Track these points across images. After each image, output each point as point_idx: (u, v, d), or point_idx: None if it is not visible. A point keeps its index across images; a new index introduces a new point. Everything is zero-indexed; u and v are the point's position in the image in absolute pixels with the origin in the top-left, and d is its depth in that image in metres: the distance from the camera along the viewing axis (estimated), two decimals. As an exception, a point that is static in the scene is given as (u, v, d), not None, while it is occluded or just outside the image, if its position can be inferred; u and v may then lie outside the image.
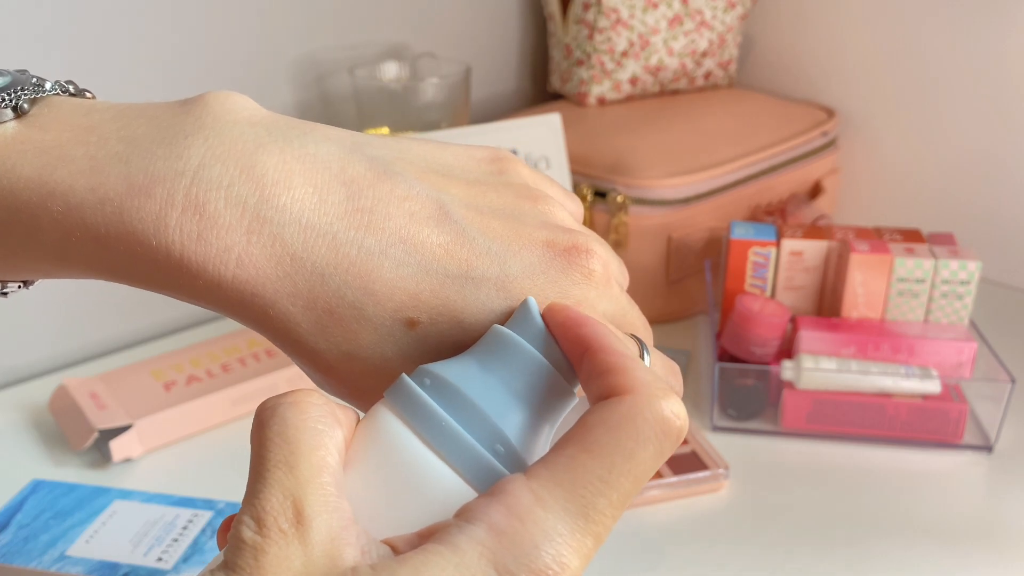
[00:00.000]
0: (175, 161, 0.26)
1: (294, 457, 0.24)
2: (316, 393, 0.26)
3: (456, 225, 0.28)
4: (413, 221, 0.28)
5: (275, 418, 0.24)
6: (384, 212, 0.28)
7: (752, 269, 0.74)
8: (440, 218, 0.28)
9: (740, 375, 0.71)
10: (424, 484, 0.25)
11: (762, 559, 0.58)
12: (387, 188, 0.28)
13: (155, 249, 0.26)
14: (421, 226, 0.28)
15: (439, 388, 0.26)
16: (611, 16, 0.95)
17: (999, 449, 0.68)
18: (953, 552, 0.59)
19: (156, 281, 0.27)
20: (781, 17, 1.06)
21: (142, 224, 0.26)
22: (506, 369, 0.26)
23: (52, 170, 0.27)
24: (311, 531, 0.23)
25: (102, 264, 0.27)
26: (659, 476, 0.63)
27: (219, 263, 0.27)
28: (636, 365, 0.25)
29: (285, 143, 0.28)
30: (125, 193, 0.26)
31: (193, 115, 0.28)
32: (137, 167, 0.26)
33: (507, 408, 0.26)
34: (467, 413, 0.26)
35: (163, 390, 0.70)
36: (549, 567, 0.23)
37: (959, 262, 0.70)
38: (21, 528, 0.55)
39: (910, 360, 0.70)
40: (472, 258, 0.28)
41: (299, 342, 0.28)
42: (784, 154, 0.91)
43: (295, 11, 0.87)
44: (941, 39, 0.94)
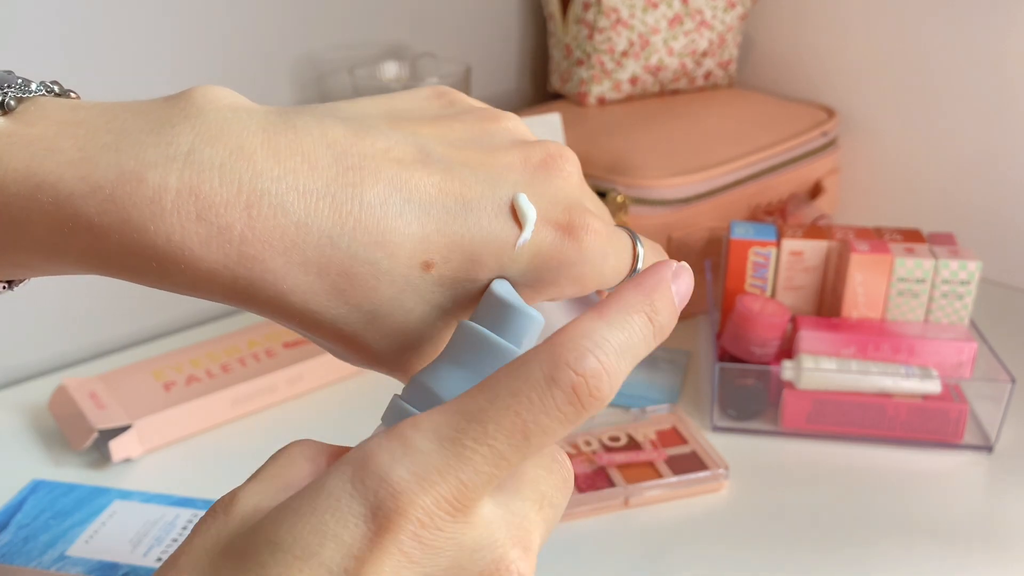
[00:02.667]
0: (165, 148, 0.27)
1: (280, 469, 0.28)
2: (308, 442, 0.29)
3: (440, 163, 0.30)
4: (402, 168, 0.29)
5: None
6: (373, 166, 0.28)
7: (752, 269, 0.74)
8: (424, 160, 0.29)
9: (740, 375, 0.71)
10: None
11: (762, 559, 0.58)
12: (368, 143, 0.29)
13: (153, 235, 0.26)
14: (411, 171, 0.29)
15: (419, 396, 0.27)
16: (611, 16, 0.95)
17: (999, 449, 0.68)
18: (953, 552, 0.59)
19: (154, 272, 0.27)
20: (781, 17, 1.06)
21: (137, 210, 0.26)
22: (480, 363, 0.27)
23: (40, 161, 0.27)
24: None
25: (97, 257, 0.27)
26: (659, 476, 0.63)
27: (223, 242, 0.27)
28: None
29: (267, 122, 0.28)
30: (116, 180, 0.26)
31: (179, 107, 0.28)
32: (128, 155, 0.27)
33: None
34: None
35: (163, 390, 0.70)
36: (402, 479, 0.24)
37: (959, 262, 0.70)
38: (21, 528, 0.55)
39: (910, 360, 0.70)
40: (464, 190, 0.29)
41: (318, 314, 0.28)
42: (784, 154, 0.91)
43: (295, 11, 0.87)
44: (941, 39, 0.94)
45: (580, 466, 0.64)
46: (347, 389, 0.76)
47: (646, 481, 0.63)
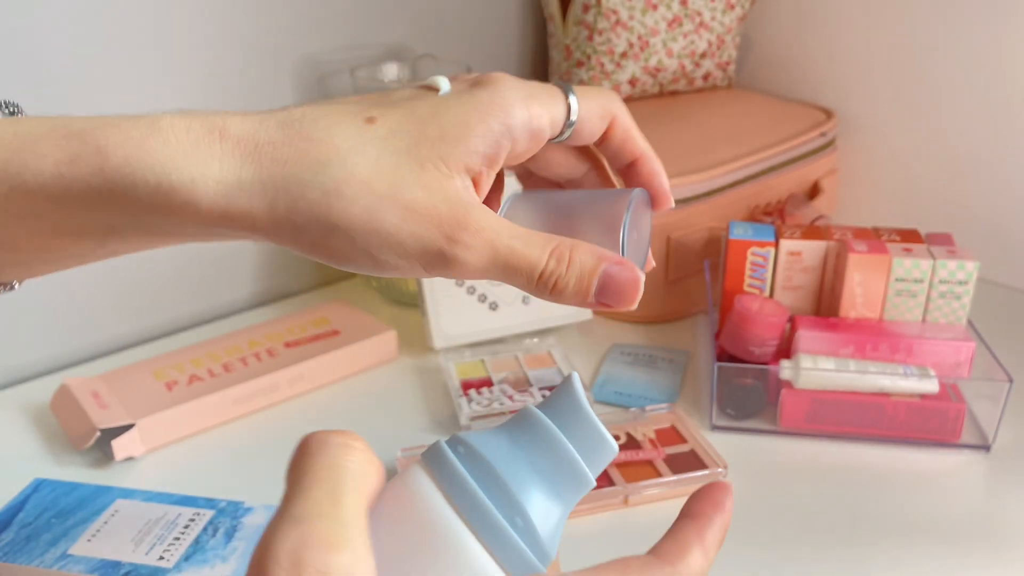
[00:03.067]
0: (134, 119, 0.35)
1: (339, 495, 0.25)
2: (362, 440, 0.27)
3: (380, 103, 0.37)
4: (344, 104, 0.36)
5: (326, 452, 0.26)
6: (313, 116, 0.35)
7: (751, 269, 0.75)
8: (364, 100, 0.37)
9: (739, 375, 0.71)
10: (442, 543, 0.27)
11: (761, 558, 0.58)
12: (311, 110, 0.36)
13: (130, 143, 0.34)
14: (355, 104, 0.36)
15: (470, 457, 0.28)
16: (611, 17, 0.96)
17: (997, 448, 0.69)
18: (951, 551, 0.59)
19: (145, 190, 0.33)
20: (780, 18, 1.06)
21: (114, 139, 0.34)
22: (534, 448, 0.28)
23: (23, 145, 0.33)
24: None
25: (91, 188, 0.33)
26: (658, 475, 0.64)
27: (196, 161, 0.34)
28: None
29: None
30: (97, 126, 0.34)
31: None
32: (100, 120, 0.34)
33: (530, 485, 0.28)
34: (493, 484, 0.27)
35: (165, 389, 0.70)
36: None
37: (957, 262, 0.70)
38: (23, 527, 0.55)
39: (908, 360, 0.70)
40: (404, 94, 0.37)
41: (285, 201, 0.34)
42: (783, 155, 0.91)
43: (296, 12, 0.87)
44: (939, 40, 0.94)
45: (580, 465, 0.64)
46: (348, 388, 0.76)
47: (645, 480, 0.63)
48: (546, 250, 0.34)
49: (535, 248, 0.34)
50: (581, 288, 0.34)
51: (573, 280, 0.34)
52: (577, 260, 0.34)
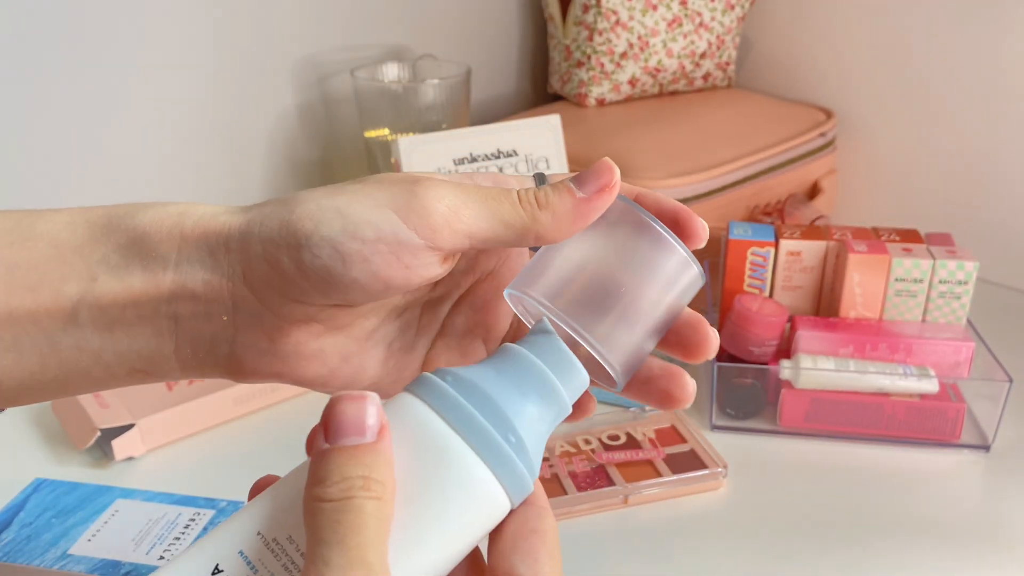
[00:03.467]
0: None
1: (367, 547, 0.25)
2: (375, 455, 0.27)
3: None
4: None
5: (347, 495, 0.26)
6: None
7: (750, 269, 0.75)
8: None
9: (739, 374, 0.71)
10: (443, 459, 0.28)
11: (760, 557, 0.58)
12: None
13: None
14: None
15: (459, 383, 0.29)
16: (610, 18, 0.96)
17: (996, 448, 0.69)
18: (951, 551, 0.59)
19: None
20: (779, 19, 1.06)
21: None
22: (516, 375, 0.30)
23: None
24: None
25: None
26: (658, 475, 0.64)
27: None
28: None
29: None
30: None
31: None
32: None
33: (517, 406, 0.29)
34: (484, 405, 0.29)
35: (165, 389, 0.70)
36: None
37: (957, 262, 0.70)
38: (24, 527, 0.56)
39: (908, 360, 0.70)
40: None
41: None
42: (782, 155, 0.91)
43: (297, 13, 0.87)
44: (938, 40, 0.94)
45: (580, 464, 0.65)
46: (348, 389, 0.76)
47: (645, 480, 0.63)
48: (513, 189, 0.32)
49: (502, 188, 0.32)
50: (561, 188, 0.31)
51: (550, 188, 0.31)
52: (546, 189, 0.32)
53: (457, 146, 0.80)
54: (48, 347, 0.32)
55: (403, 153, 0.78)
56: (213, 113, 0.84)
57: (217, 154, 0.86)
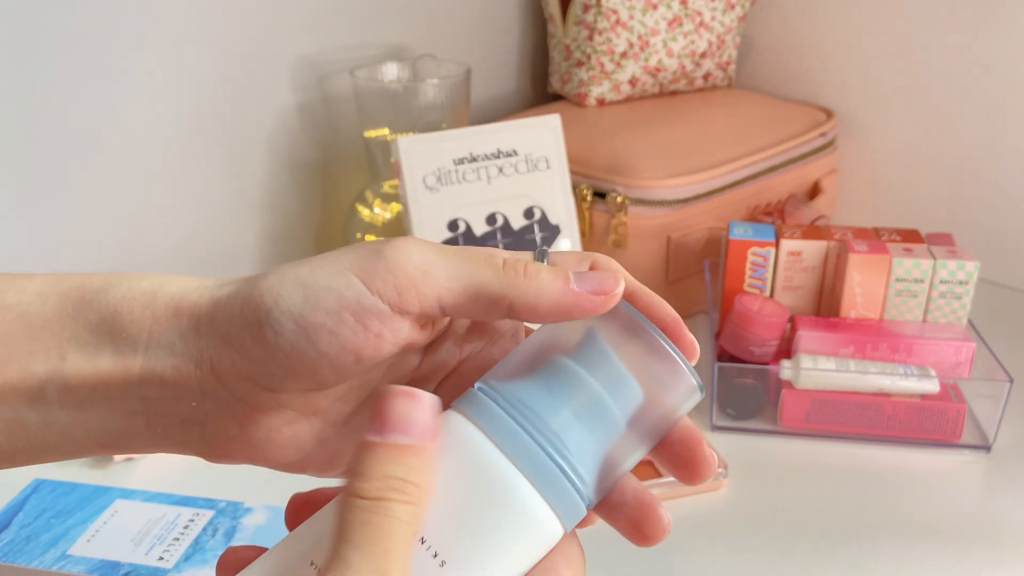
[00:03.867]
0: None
1: (390, 553, 0.24)
2: (417, 454, 0.26)
3: None
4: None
5: (404, 505, 0.25)
6: None
7: (751, 269, 0.75)
8: None
9: (739, 375, 0.71)
10: (495, 486, 0.27)
11: (761, 558, 0.58)
12: None
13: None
14: None
15: (510, 403, 0.27)
16: (611, 17, 0.96)
17: (997, 448, 0.69)
18: (951, 551, 0.59)
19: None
20: (780, 18, 1.06)
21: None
22: (567, 393, 0.28)
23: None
24: None
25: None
26: (658, 475, 0.64)
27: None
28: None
29: None
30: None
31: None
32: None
33: (569, 428, 0.28)
34: (536, 427, 0.27)
35: (164, 390, 0.70)
36: None
37: (957, 262, 0.70)
38: (23, 527, 0.55)
39: (908, 360, 0.70)
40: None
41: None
42: (783, 155, 0.91)
43: (296, 13, 0.87)
44: (939, 40, 0.94)
45: (580, 465, 0.65)
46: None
47: (645, 480, 0.63)
48: (501, 251, 0.30)
49: (488, 249, 0.30)
50: (558, 271, 0.29)
51: (547, 267, 0.29)
52: (538, 264, 0.29)
53: (457, 146, 0.80)
54: (15, 422, 0.31)
55: (403, 153, 0.78)
56: (213, 113, 0.84)
57: (217, 154, 0.86)
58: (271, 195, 0.90)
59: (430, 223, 0.79)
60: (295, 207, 0.92)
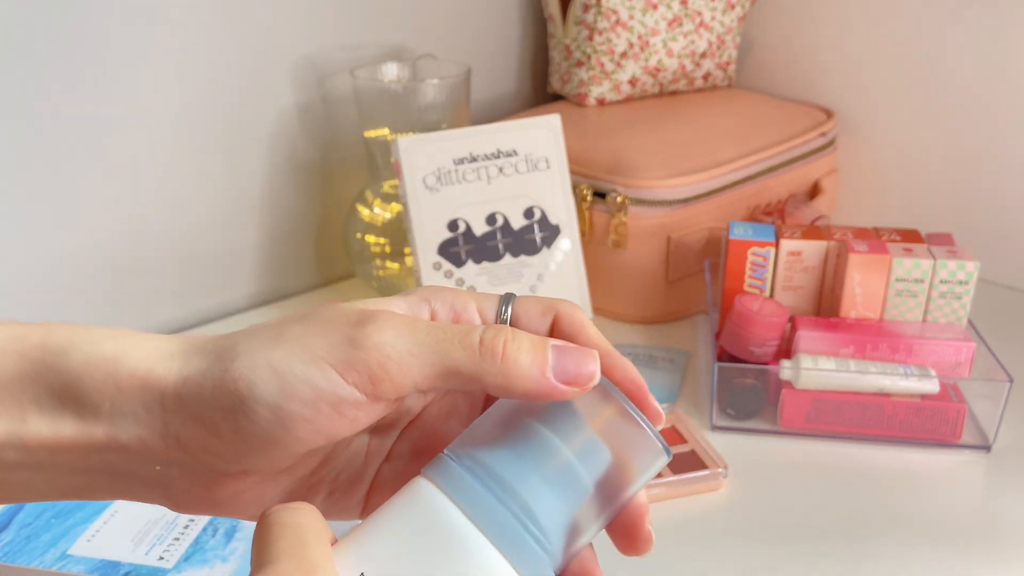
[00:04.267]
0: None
1: (303, 542, 0.25)
2: (310, 505, 0.27)
3: None
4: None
5: (286, 513, 0.26)
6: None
7: (751, 269, 0.75)
8: None
9: (739, 375, 0.71)
10: (461, 552, 0.27)
11: (761, 558, 0.58)
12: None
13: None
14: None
15: (477, 468, 0.28)
16: (611, 17, 0.96)
17: (997, 448, 0.69)
18: (951, 551, 0.59)
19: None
20: (780, 18, 1.06)
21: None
22: (535, 457, 0.28)
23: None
24: None
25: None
26: (659, 475, 0.64)
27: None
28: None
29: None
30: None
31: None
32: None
33: (536, 492, 0.28)
34: (502, 492, 0.28)
35: (164, 390, 0.70)
36: None
37: (957, 262, 0.70)
38: (23, 527, 0.55)
39: (908, 360, 0.70)
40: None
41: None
42: (783, 155, 0.91)
43: (296, 13, 0.87)
44: (939, 40, 0.94)
45: (580, 465, 0.65)
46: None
47: (645, 480, 0.63)
48: (479, 326, 0.29)
49: (464, 326, 0.30)
50: (538, 353, 0.28)
51: (527, 344, 0.28)
52: (521, 331, 0.29)
53: (457, 146, 0.80)
54: None
55: (403, 153, 0.78)
56: (213, 113, 0.84)
57: (217, 154, 0.86)
58: (271, 195, 0.90)
59: (430, 223, 0.79)
60: (295, 207, 0.92)
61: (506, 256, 0.80)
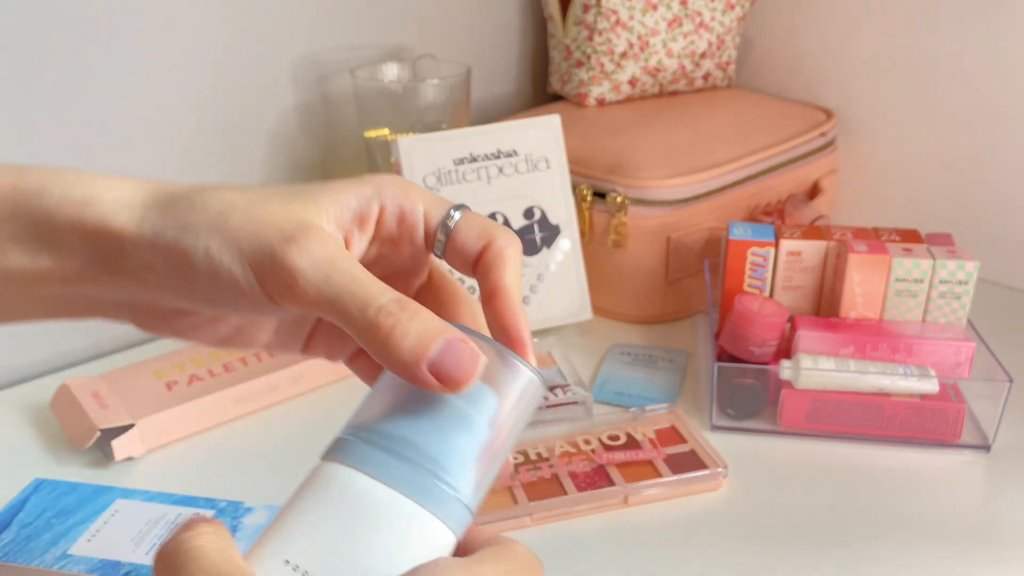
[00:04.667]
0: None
1: (211, 564, 0.27)
2: (203, 519, 0.29)
3: None
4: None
5: (183, 542, 0.28)
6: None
7: (751, 269, 0.75)
8: None
9: (739, 374, 0.71)
10: (385, 516, 0.28)
11: (760, 558, 0.58)
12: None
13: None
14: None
15: (374, 436, 0.30)
16: (610, 17, 0.96)
17: (997, 448, 0.69)
18: (951, 551, 0.59)
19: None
20: (779, 18, 1.06)
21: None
22: (432, 414, 0.30)
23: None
24: None
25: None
26: (658, 475, 0.64)
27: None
28: None
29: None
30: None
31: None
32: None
33: (440, 442, 0.30)
34: (406, 450, 0.29)
35: (165, 389, 0.70)
36: None
37: (957, 262, 0.70)
38: (23, 527, 0.56)
39: (908, 360, 0.70)
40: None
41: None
42: (783, 155, 0.91)
43: (296, 13, 0.87)
44: (939, 40, 0.94)
45: (580, 464, 0.65)
46: (349, 388, 0.76)
47: (645, 480, 0.63)
48: (389, 293, 0.31)
49: (378, 285, 0.31)
50: (421, 344, 0.30)
51: (414, 332, 0.30)
52: (423, 315, 0.30)
53: (457, 146, 0.80)
54: None
55: (403, 153, 0.78)
56: (213, 113, 0.84)
57: (217, 154, 0.86)
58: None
59: (430, 223, 0.79)
60: (295, 207, 0.92)
61: (506, 256, 0.80)
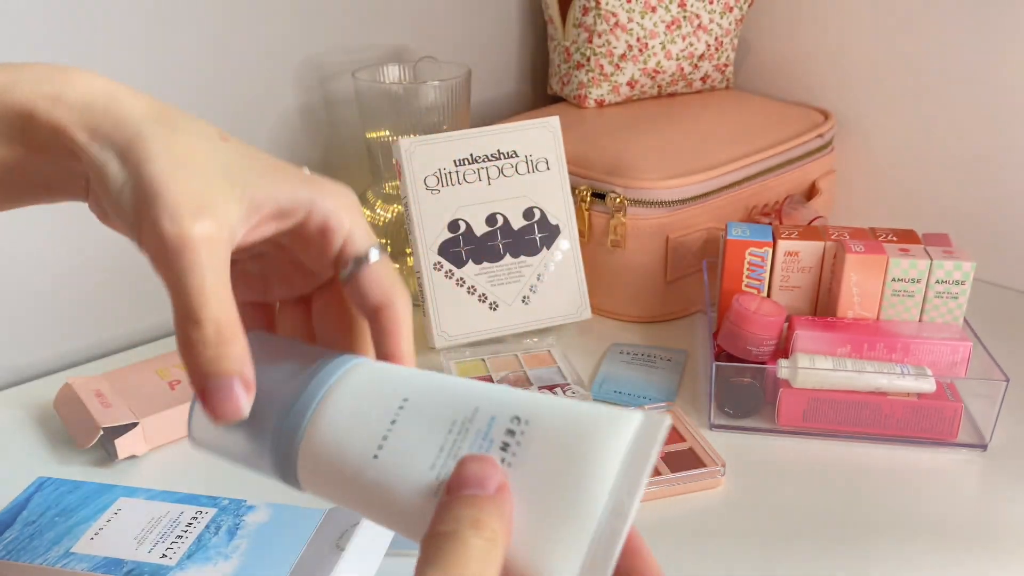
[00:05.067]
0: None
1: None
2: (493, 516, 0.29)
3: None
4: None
5: (477, 538, 0.28)
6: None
7: (748, 269, 0.75)
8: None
9: (737, 374, 0.71)
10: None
11: (758, 556, 0.59)
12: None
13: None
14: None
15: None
16: (610, 20, 0.96)
17: (993, 447, 0.69)
18: (948, 549, 0.59)
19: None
20: (777, 20, 1.07)
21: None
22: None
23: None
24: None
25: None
26: (657, 473, 0.64)
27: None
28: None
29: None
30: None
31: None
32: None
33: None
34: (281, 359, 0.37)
35: (167, 388, 0.70)
36: None
37: (954, 262, 0.71)
38: (27, 525, 0.56)
39: (905, 359, 0.70)
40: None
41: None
42: (780, 156, 0.92)
43: (298, 15, 0.88)
44: (936, 42, 0.94)
45: (579, 464, 0.65)
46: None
47: (644, 478, 0.63)
48: (222, 313, 0.32)
49: (218, 301, 0.32)
50: (218, 356, 0.32)
51: (211, 353, 0.32)
52: (237, 335, 0.32)
53: (457, 147, 0.80)
54: None
55: (404, 154, 0.79)
56: (215, 114, 0.85)
57: (218, 155, 0.86)
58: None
59: (431, 223, 0.79)
60: (296, 208, 0.93)
61: (506, 256, 0.81)
